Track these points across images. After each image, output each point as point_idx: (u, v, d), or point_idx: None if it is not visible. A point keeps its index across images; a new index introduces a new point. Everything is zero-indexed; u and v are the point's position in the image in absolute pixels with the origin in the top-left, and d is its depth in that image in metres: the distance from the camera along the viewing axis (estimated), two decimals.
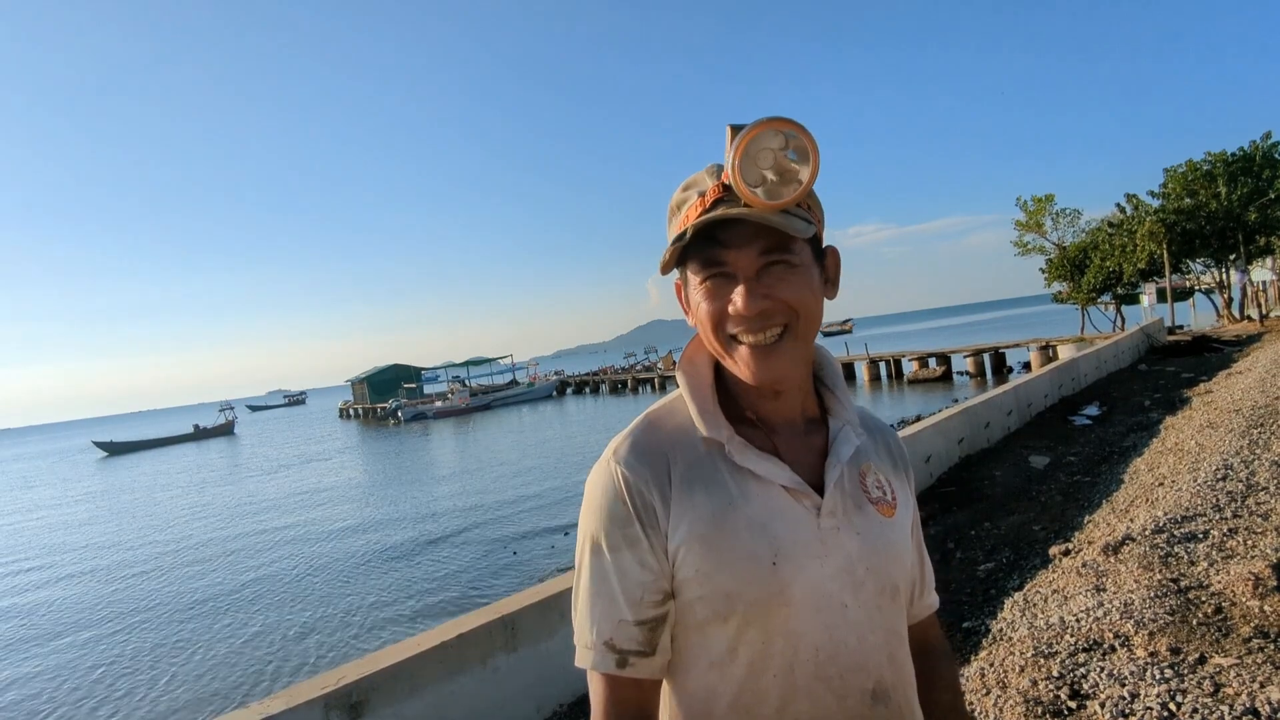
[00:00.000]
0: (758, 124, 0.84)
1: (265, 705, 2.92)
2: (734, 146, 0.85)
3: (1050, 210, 32.25)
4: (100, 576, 14.70)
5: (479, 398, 52.94)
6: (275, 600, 11.30)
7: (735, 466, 0.92)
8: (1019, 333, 40.57)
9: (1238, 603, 3.45)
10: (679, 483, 0.92)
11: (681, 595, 0.91)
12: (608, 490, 0.92)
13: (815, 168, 0.86)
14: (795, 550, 0.90)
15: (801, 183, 0.86)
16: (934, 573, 1.16)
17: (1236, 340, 20.67)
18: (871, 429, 1.08)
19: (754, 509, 0.91)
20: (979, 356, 29.04)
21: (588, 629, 0.92)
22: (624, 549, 0.91)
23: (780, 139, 0.85)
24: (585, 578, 0.94)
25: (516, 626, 3.75)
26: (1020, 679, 3.15)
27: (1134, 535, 4.57)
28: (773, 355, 0.90)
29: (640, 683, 0.92)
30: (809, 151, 0.85)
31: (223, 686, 8.29)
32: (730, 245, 0.88)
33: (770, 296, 0.88)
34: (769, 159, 0.85)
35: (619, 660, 0.91)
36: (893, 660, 0.96)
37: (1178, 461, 6.80)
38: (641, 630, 0.91)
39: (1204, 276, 31.02)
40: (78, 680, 9.15)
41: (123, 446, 58.52)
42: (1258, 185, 26.48)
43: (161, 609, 11.70)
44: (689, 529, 0.89)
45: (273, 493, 23.57)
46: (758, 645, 0.90)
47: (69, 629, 11.37)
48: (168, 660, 9.34)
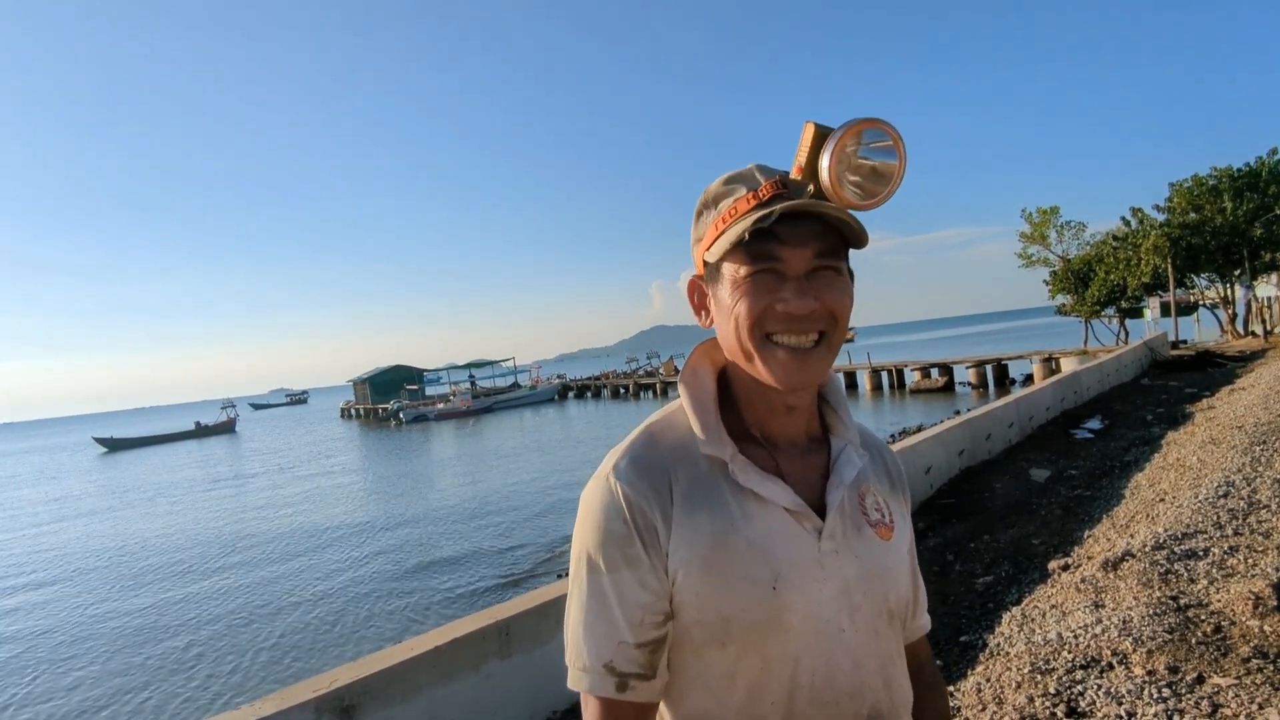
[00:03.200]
0: (862, 121, 0.83)
1: (257, 707, 2.90)
2: (831, 140, 0.83)
3: (1055, 222, 32.29)
4: (89, 577, 14.70)
5: (480, 400, 52.92)
6: (267, 602, 11.27)
7: (738, 486, 0.90)
8: (1022, 345, 40.50)
9: (1237, 622, 3.42)
10: (681, 501, 0.89)
11: (680, 618, 0.89)
12: (607, 508, 0.89)
13: (900, 176, 0.85)
14: (795, 574, 0.88)
15: (890, 185, 0.86)
16: (932, 585, 1.14)
17: (1240, 356, 20.62)
18: (870, 447, 1.05)
19: (755, 531, 0.89)
20: (981, 368, 29.00)
21: (584, 651, 0.89)
22: (624, 569, 0.88)
23: (870, 139, 0.84)
24: (581, 597, 0.90)
25: (511, 632, 3.73)
26: (1017, 695, 3.12)
27: (1134, 551, 4.54)
28: (808, 360, 0.88)
29: (639, 706, 0.89)
30: (898, 154, 0.85)
31: (213, 688, 8.27)
32: (788, 241, 0.86)
33: (820, 299, 0.86)
34: (870, 156, 0.85)
35: (619, 684, 0.88)
36: (889, 685, 0.95)
37: (1179, 477, 6.77)
38: (642, 653, 0.88)
39: (1208, 291, 30.98)
40: (70, 681, 9.14)
41: (123, 443, 58.59)
42: (1263, 201, 26.48)
43: (152, 610, 11.67)
44: (690, 550, 0.87)
45: (270, 492, 23.58)
46: (756, 671, 0.88)
47: (58, 627, 11.36)
48: (158, 661, 9.32)
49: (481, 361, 64.08)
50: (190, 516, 20.34)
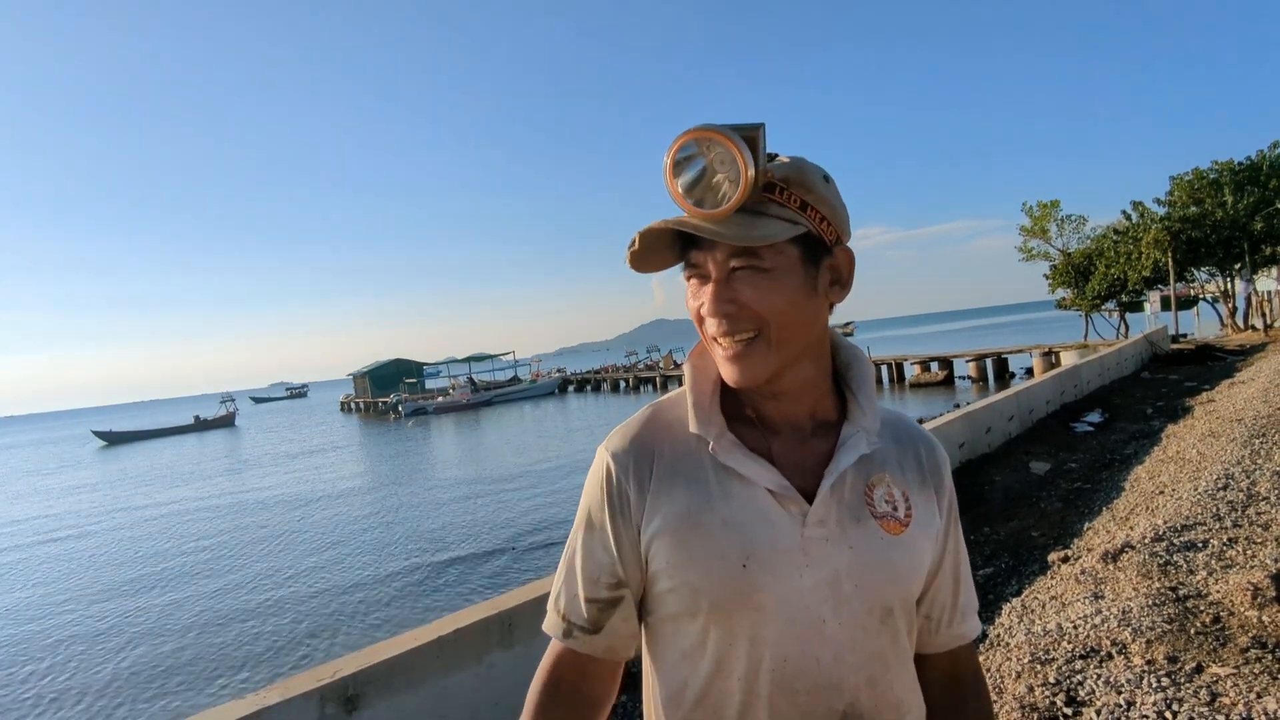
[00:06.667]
0: (685, 133, 0.83)
1: (261, 697, 2.92)
2: (666, 156, 0.85)
3: (1056, 216, 32.22)
4: (92, 563, 14.74)
5: (480, 394, 52.95)
6: (269, 592, 11.31)
7: (720, 465, 0.92)
8: (1022, 338, 40.49)
9: (1236, 612, 3.44)
10: (661, 475, 0.93)
11: (655, 586, 0.93)
12: (595, 475, 0.97)
13: (745, 179, 0.81)
14: (771, 556, 0.88)
15: (729, 197, 0.83)
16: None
17: (1240, 350, 20.62)
18: (902, 438, 1.01)
19: (732, 509, 0.90)
20: (981, 361, 29.00)
21: (555, 597, 1.00)
22: (595, 530, 0.96)
23: (709, 145, 0.83)
24: (568, 549, 1.00)
25: (513, 623, 3.74)
26: (1017, 685, 3.14)
27: (1133, 543, 4.56)
28: (742, 360, 0.88)
29: (579, 657, 0.97)
30: (738, 162, 0.81)
31: (217, 676, 8.30)
32: (702, 246, 0.88)
33: (735, 301, 0.87)
34: (706, 165, 0.84)
35: (565, 630, 0.97)
36: (873, 684, 0.91)
37: (1179, 470, 6.78)
38: (591, 608, 0.95)
39: (1208, 285, 30.97)
40: (73, 667, 9.17)
41: (122, 436, 58.61)
42: (1264, 195, 26.42)
43: (156, 599, 11.72)
44: (663, 522, 0.91)
45: (269, 486, 23.62)
46: (724, 645, 0.90)
47: (59, 612, 11.39)
48: (162, 649, 9.36)
49: (481, 355, 64.09)
50: (189, 510, 20.36)
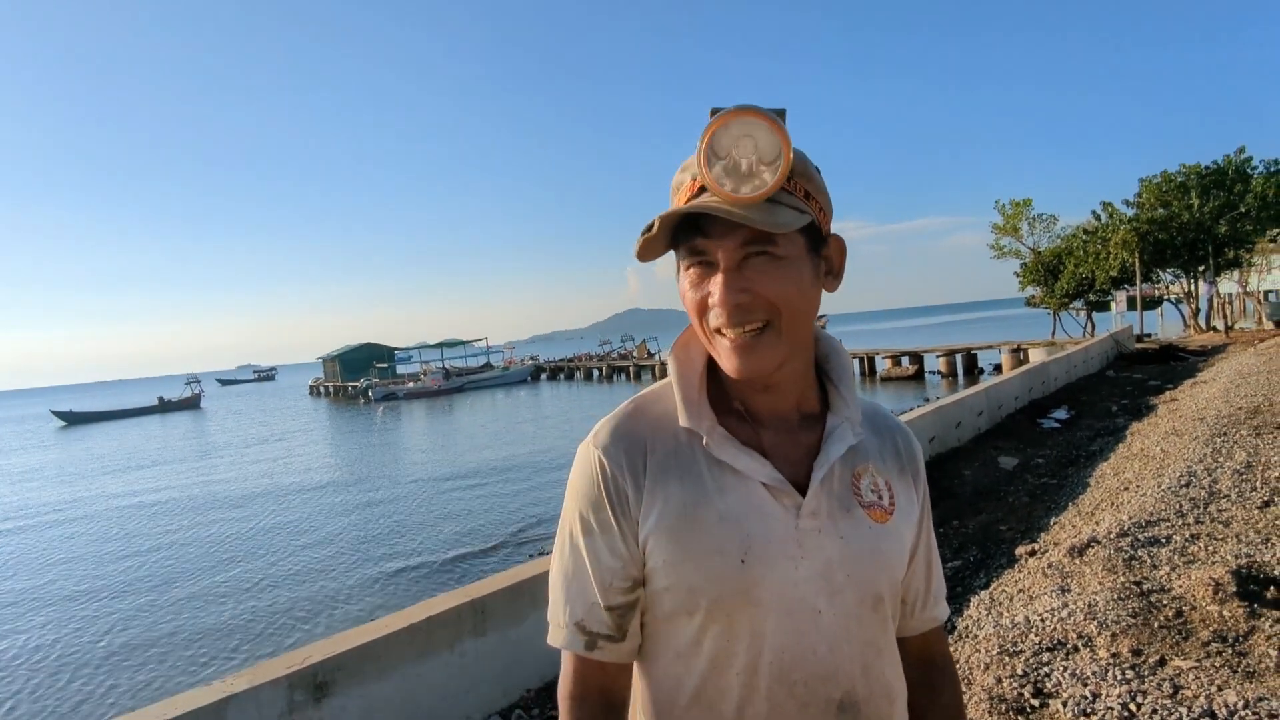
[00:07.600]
0: (727, 113, 0.81)
1: (228, 684, 2.87)
2: (703, 136, 0.82)
3: (1027, 215, 32.68)
4: (53, 550, 14.44)
5: (452, 380, 52.56)
6: (238, 579, 11.13)
7: (713, 459, 0.91)
8: (992, 334, 41.08)
9: (1198, 607, 3.52)
10: (654, 470, 0.91)
11: (650, 584, 0.91)
12: (585, 474, 0.93)
13: (787, 164, 0.81)
14: (768, 549, 0.88)
15: (767, 182, 0.82)
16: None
17: (1202, 350, 21.09)
18: (880, 428, 1.03)
19: (728, 504, 0.89)
20: (951, 357, 29.37)
21: (562, 608, 0.94)
22: (598, 533, 0.92)
23: (754, 128, 0.81)
24: (563, 556, 0.95)
25: (486, 610, 3.73)
26: (985, 676, 3.19)
27: (1099, 538, 4.64)
28: (752, 351, 0.86)
29: (606, 666, 0.93)
30: (780, 145, 0.81)
31: (184, 664, 8.17)
32: (712, 234, 0.85)
33: (749, 290, 0.85)
34: (748, 146, 0.82)
35: (588, 642, 0.92)
36: (867, 672, 0.92)
37: (1143, 467, 6.92)
38: (611, 615, 0.92)
39: (1173, 286, 31.63)
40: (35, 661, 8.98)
41: (82, 416, 57.36)
42: (1229, 199, 27.03)
43: (121, 586, 11.49)
44: (659, 519, 0.89)
45: (234, 469, 23.26)
46: (722, 641, 0.89)
47: (23, 601, 11.15)
48: (128, 637, 9.19)
49: (454, 341, 63.59)
50: (149, 495, 19.98)
